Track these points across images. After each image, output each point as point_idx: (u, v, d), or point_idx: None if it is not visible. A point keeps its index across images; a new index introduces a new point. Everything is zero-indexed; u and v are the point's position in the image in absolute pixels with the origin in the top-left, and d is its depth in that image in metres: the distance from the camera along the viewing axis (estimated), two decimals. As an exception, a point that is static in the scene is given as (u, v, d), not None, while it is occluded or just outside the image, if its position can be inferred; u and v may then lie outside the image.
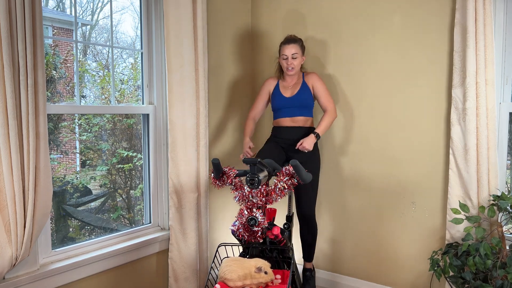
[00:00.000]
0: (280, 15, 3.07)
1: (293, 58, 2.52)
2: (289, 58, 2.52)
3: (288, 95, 2.59)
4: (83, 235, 2.37)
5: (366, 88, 2.72)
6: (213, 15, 2.83)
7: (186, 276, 2.56)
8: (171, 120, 2.46)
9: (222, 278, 1.80)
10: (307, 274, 2.69)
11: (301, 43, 2.59)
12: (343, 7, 2.78)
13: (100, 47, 2.48)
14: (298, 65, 2.56)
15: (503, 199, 2.05)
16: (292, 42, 2.54)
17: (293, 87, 2.62)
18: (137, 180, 2.63)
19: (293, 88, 2.61)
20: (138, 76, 2.59)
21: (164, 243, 2.58)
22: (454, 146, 2.32)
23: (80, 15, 2.40)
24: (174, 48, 2.42)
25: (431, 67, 2.48)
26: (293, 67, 2.53)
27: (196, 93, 2.55)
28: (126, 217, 2.62)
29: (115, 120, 2.50)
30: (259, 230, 1.86)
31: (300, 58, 2.56)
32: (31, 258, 1.94)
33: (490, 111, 2.20)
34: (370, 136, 2.72)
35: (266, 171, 2.05)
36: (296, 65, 2.54)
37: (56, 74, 2.27)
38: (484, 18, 2.16)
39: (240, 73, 3.13)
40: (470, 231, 2.14)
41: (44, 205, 1.85)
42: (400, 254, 2.66)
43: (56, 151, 2.27)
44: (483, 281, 2.02)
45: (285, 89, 2.63)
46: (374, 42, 2.67)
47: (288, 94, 2.60)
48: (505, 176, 2.34)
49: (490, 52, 2.17)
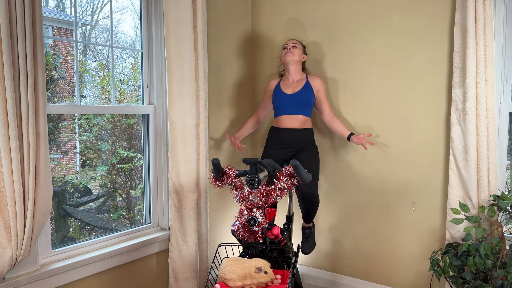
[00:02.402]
0: (280, 14, 3.07)
1: (293, 46, 2.61)
2: (288, 47, 2.62)
3: (290, 93, 2.60)
4: (83, 235, 2.37)
5: (366, 88, 2.72)
6: (213, 15, 2.83)
7: (186, 276, 2.56)
8: (171, 120, 2.46)
9: (222, 278, 1.80)
10: (306, 232, 2.65)
11: (301, 43, 2.68)
12: (342, 8, 2.78)
13: (100, 47, 2.48)
14: (298, 55, 2.61)
15: (503, 199, 2.05)
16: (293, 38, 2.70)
17: (295, 84, 2.63)
18: (137, 180, 2.63)
19: (295, 86, 2.62)
20: (138, 76, 2.59)
21: (164, 243, 2.58)
22: (454, 146, 2.32)
23: (80, 15, 2.40)
24: (174, 48, 2.42)
25: (431, 67, 2.48)
26: (292, 53, 2.59)
27: (196, 93, 2.55)
28: (126, 217, 2.62)
29: (115, 120, 2.50)
30: (259, 230, 1.86)
31: (300, 50, 2.62)
32: (31, 258, 1.94)
33: (490, 111, 2.20)
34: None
35: (266, 171, 2.05)
36: (295, 53, 2.60)
37: (56, 74, 2.27)
38: (484, 18, 2.16)
39: (240, 72, 3.13)
40: (470, 231, 2.14)
41: (44, 205, 1.85)
42: (400, 254, 2.66)
43: (56, 151, 2.27)
44: (483, 281, 2.02)
45: (286, 86, 2.65)
46: (374, 43, 2.67)
47: (289, 91, 2.61)
48: (505, 176, 2.34)
49: (490, 52, 2.17)
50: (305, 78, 2.64)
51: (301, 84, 2.62)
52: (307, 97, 2.57)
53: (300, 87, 2.60)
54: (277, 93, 2.65)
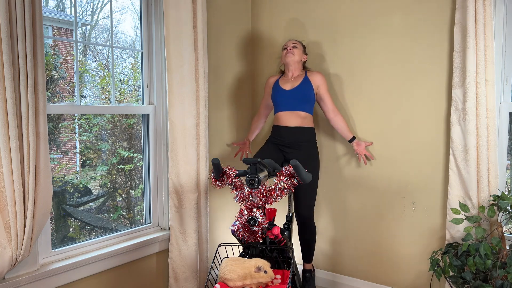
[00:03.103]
0: (280, 14, 3.07)
1: (293, 46, 2.62)
2: (289, 47, 2.63)
3: (288, 88, 2.60)
4: (83, 235, 2.37)
5: (366, 88, 2.72)
6: (213, 15, 2.83)
7: (186, 276, 2.56)
8: (171, 120, 2.46)
9: (222, 278, 1.79)
10: (307, 275, 2.69)
11: (301, 43, 2.69)
12: (342, 8, 2.78)
13: (100, 47, 2.48)
14: (298, 55, 2.62)
15: (503, 199, 2.05)
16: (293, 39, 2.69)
17: (293, 80, 2.62)
18: (137, 180, 2.63)
19: (294, 82, 2.61)
20: (138, 76, 2.59)
21: (164, 243, 2.58)
22: (454, 146, 2.32)
23: (80, 15, 2.40)
24: (174, 48, 2.42)
25: (431, 67, 2.48)
26: (292, 53, 2.59)
27: (196, 93, 2.55)
28: (126, 217, 2.62)
29: (115, 120, 2.50)
30: (259, 230, 1.86)
31: (300, 50, 2.63)
32: (31, 258, 1.94)
33: (490, 111, 2.20)
34: (370, 136, 2.72)
35: (266, 171, 2.05)
36: (296, 53, 2.61)
37: (56, 74, 2.27)
38: (484, 18, 2.16)
39: (240, 72, 3.13)
40: (470, 231, 2.14)
41: (44, 205, 1.85)
42: (400, 254, 2.66)
43: (56, 151, 2.27)
44: (483, 281, 2.02)
45: (285, 82, 2.65)
46: (373, 43, 2.67)
47: (288, 87, 2.61)
48: (505, 176, 2.34)
49: (490, 52, 2.17)
50: (304, 74, 2.63)
51: (299, 79, 2.61)
52: (306, 92, 2.55)
53: (298, 82, 2.59)
54: (275, 89, 2.65)
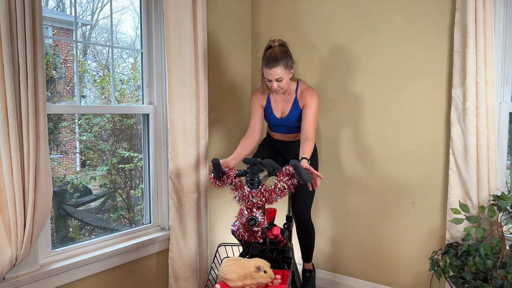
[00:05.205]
0: (280, 14, 3.07)
1: (278, 81, 2.24)
2: (273, 82, 2.25)
3: (279, 116, 2.46)
4: (83, 235, 2.37)
5: (366, 88, 2.72)
6: (213, 15, 2.83)
7: (186, 276, 2.56)
8: (171, 120, 2.46)
9: (222, 278, 1.80)
10: (307, 275, 2.69)
11: (284, 60, 2.21)
12: (342, 8, 2.78)
13: (100, 47, 2.48)
14: (286, 83, 2.29)
15: (503, 199, 2.05)
16: (273, 64, 2.18)
17: (284, 103, 2.45)
18: (137, 180, 2.63)
19: (284, 106, 2.44)
20: (138, 76, 2.59)
21: (164, 243, 2.58)
22: (454, 146, 2.32)
23: (80, 15, 2.40)
24: (174, 48, 2.42)
25: (431, 67, 2.48)
26: (280, 88, 2.29)
27: (196, 93, 2.55)
28: (126, 217, 2.62)
29: (115, 120, 2.50)
30: (259, 230, 1.86)
31: (286, 77, 2.26)
32: (31, 258, 1.94)
33: (490, 111, 2.20)
34: (370, 136, 2.72)
35: (266, 171, 2.05)
36: (283, 85, 2.28)
37: (56, 74, 2.27)
38: (484, 18, 2.16)
39: (240, 73, 3.13)
40: (470, 231, 2.14)
41: (44, 205, 1.85)
42: (400, 254, 2.66)
43: (56, 151, 2.27)
44: (483, 281, 2.02)
45: (276, 105, 2.46)
46: (373, 43, 2.67)
47: (278, 114, 2.47)
48: (505, 176, 2.34)
49: (490, 52, 2.17)
50: (295, 92, 2.40)
51: (289, 102, 2.41)
52: (296, 117, 2.43)
53: (288, 108, 2.42)
54: (268, 112, 2.48)
